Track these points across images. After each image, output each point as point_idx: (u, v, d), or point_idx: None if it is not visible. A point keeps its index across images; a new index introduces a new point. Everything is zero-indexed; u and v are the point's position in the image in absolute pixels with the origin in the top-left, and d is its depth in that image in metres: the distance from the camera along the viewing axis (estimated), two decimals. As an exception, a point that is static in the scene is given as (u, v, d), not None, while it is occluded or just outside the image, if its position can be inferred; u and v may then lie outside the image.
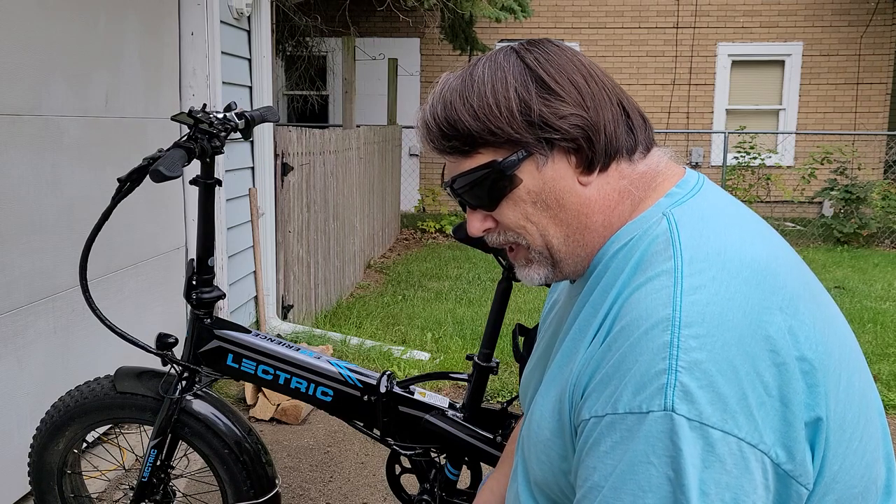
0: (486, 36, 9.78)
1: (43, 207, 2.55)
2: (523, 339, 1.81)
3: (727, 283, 0.81)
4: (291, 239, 4.67)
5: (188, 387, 1.86)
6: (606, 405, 0.80)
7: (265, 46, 4.24)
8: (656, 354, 0.77)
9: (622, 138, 0.92)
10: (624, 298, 0.85)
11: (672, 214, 0.90)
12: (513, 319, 5.05)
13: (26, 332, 2.49)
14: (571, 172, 0.92)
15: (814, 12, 9.75)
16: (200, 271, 1.84)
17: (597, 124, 0.90)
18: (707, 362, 0.76)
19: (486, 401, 3.46)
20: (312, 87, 9.30)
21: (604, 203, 0.93)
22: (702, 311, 0.79)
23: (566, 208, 0.92)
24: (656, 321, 0.79)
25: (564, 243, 0.94)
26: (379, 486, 2.80)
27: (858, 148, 9.50)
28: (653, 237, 0.88)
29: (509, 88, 0.90)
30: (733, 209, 0.94)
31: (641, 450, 0.77)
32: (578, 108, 0.90)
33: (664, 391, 0.76)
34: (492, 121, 0.90)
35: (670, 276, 0.82)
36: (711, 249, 0.84)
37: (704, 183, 0.96)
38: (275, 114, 2.00)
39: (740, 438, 0.75)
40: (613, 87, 0.94)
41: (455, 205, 10.31)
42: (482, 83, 0.91)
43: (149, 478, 1.87)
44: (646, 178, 0.94)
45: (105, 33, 2.89)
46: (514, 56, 0.93)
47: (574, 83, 0.91)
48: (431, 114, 0.94)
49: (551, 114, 0.89)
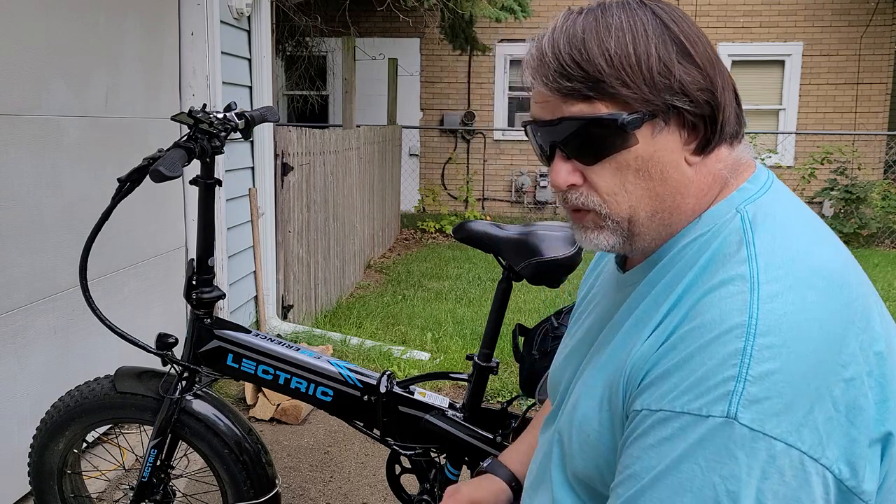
0: (486, 36, 9.78)
1: (43, 207, 2.55)
2: (523, 339, 1.81)
3: (803, 294, 0.79)
4: (291, 239, 4.67)
5: (188, 387, 1.86)
6: (662, 401, 0.79)
7: (265, 46, 4.24)
8: (726, 360, 0.76)
9: (732, 122, 0.89)
10: (695, 299, 0.82)
11: (746, 211, 0.87)
12: (513, 319, 5.05)
13: (26, 332, 2.49)
14: (680, 148, 0.87)
15: (814, 12, 9.75)
16: (200, 271, 1.84)
17: (721, 104, 0.87)
18: (778, 373, 0.75)
19: (486, 401, 3.47)
20: (312, 87, 9.30)
21: (699, 186, 0.89)
22: (778, 321, 0.77)
23: (667, 183, 0.87)
24: (731, 326, 0.77)
25: (650, 219, 0.89)
26: (379, 486, 2.80)
27: (858, 148, 9.50)
28: (725, 234, 0.86)
29: (650, 43, 0.84)
30: (801, 210, 0.91)
31: (691, 450, 0.76)
32: (710, 84, 0.85)
33: (729, 398, 0.74)
34: (628, 72, 0.83)
35: (746, 282, 0.80)
36: (786, 255, 0.82)
37: (774, 180, 0.93)
38: (275, 114, 2.00)
39: (803, 452, 0.74)
40: (727, 71, 0.90)
41: (455, 205, 10.33)
42: (620, 29, 0.84)
43: (149, 478, 1.87)
44: (735, 167, 0.91)
45: (105, 33, 2.89)
46: (649, 10, 0.86)
47: (708, 56, 0.86)
48: (552, 48, 0.85)
49: (690, 82, 0.84)
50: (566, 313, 1.76)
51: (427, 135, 10.29)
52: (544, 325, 1.77)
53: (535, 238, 1.73)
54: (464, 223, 1.83)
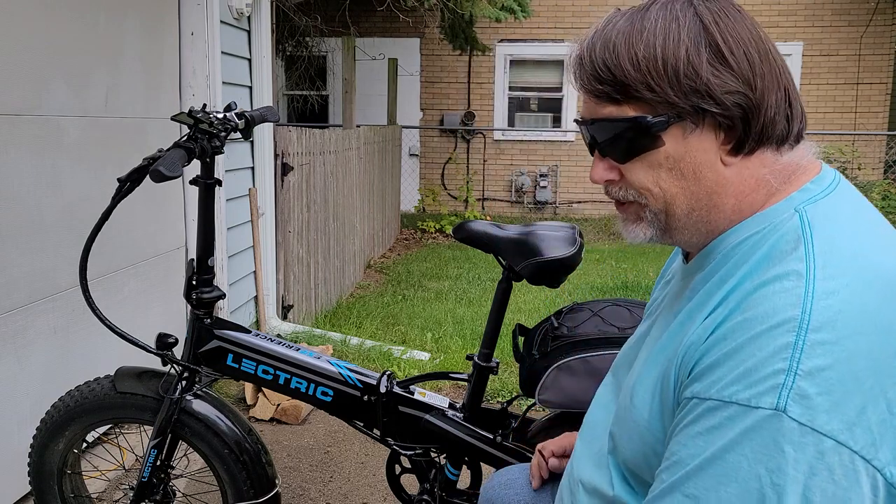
0: (486, 36, 9.79)
1: (43, 207, 2.55)
2: (523, 339, 1.81)
3: (861, 293, 0.79)
4: (291, 239, 4.67)
5: (188, 387, 1.86)
6: (711, 389, 0.79)
7: (265, 46, 4.24)
8: (777, 353, 0.76)
9: (778, 126, 0.88)
10: (747, 291, 0.82)
11: (805, 212, 0.87)
12: (513, 319, 5.05)
13: (26, 332, 2.49)
14: (716, 148, 0.88)
15: (814, 12, 9.75)
16: (200, 271, 1.84)
17: (759, 106, 0.86)
18: (830, 370, 0.74)
19: (486, 401, 3.47)
20: (312, 87, 9.30)
21: (739, 187, 0.89)
22: (833, 318, 0.76)
23: (701, 182, 0.89)
24: (782, 320, 0.77)
25: (686, 215, 0.91)
26: (379, 486, 2.80)
27: (858, 148, 9.50)
28: (782, 233, 0.86)
29: (680, 46, 0.85)
30: (866, 213, 0.90)
31: (738, 440, 0.76)
32: (745, 87, 0.85)
33: (779, 391, 0.74)
34: (653, 77, 0.85)
35: (801, 278, 0.80)
36: (846, 254, 0.82)
37: (840, 182, 0.92)
38: (275, 114, 2.00)
39: (854, 451, 0.74)
40: (784, 71, 0.89)
41: (455, 205, 10.33)
42: (652, 33, 0.86)
43: (149, 478, 1.87)
44: (787, 171, 0.90)
45: (105, 33, 2.89)
46: (692, 10, 0.87)
47: (749, 57, 0.86)
48: (589, 51, 0.89)
49: (718, 85, 0.85)
50: (566, 313, 1.76)
51: (427, 135, 10.29)
52: (544, 325, 1.77)
53: (535, 238, 1.73)
54: (464, 223, 1.83)
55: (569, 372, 1.65)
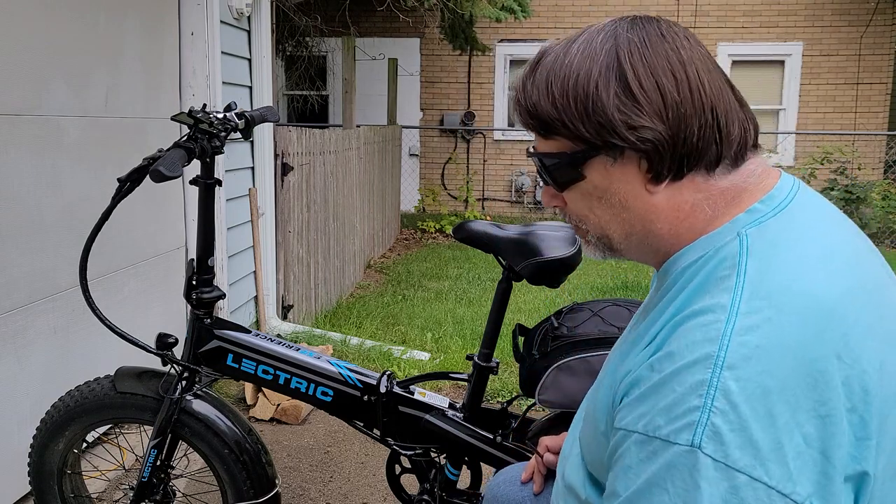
0: (486, 36, 9.78)
1: (43, 207, 2.55)
2: (523, 339, 1.81)
3: (782, 326, 0.78)
4: (291, 239, 4.67)
5: (188, 387, 1.86)
6: (637, 423, 0.81)
7: (265, 46, 4.24)
8: (693, 391, 0.77)
9: (705, 151, 0.87)
10: (676, 323, 0.84)
11: (747, 236, 0.86)
12: (513, 319, 5.05)
13: (26, 332, 2.49)
14: (640, 178, 0.89)
15: (814, 12, 9.75)
16: (200, 271, 1.84)
17: (674, 136, 0.86)
18: (743, 406, 0.75)
19: (486, 401, 3.47)
20: (312, 87, 9.30)
21: (672, 213, 0.90)
22: (748, 355, 0.77)
23: (630, 210, 0.91)
24: (700, 357, 0.78)
25: (625, 240, 0.94)
26: (379, 486, 2.80)
27: (858, 148, 9.51)
28: (720, 259, 0.86)
29: (590, 83, 0.87)
30: (818, 231, 0.88)
31: (660, 475, 0.78)
32: (655, 119, 0.86)
33: (694, 428, 0.76)
34: (567, 115, 0.88)
35: (725, 311, 0.80)
36: (775, 285, 0.81)
37: (795, 198, 0.91)
38: (275, 114, 2.00)
39: (770, 486, 0.74)
40: (711, 92, 0.88)
41: (455, 205, 10.34)
42: (569, 69, 0.89)
43: (149, 478, 1.88)
44: (726, 195, 0.90)
45: (105, 33, 2.89)
46: (612, 41, 0.88)
47: (660, 88, 0.86)
48: (521, 89, 0.93)
49: (622, 121, 0.86)
50: (566, 313, 1.76)
51: (427, 135, 10.29)
52: (544, 325, 1.77)
53: (535, 238, 1.73)
54: (464, 223, 1.83)
55: (569, 372, 1.65)
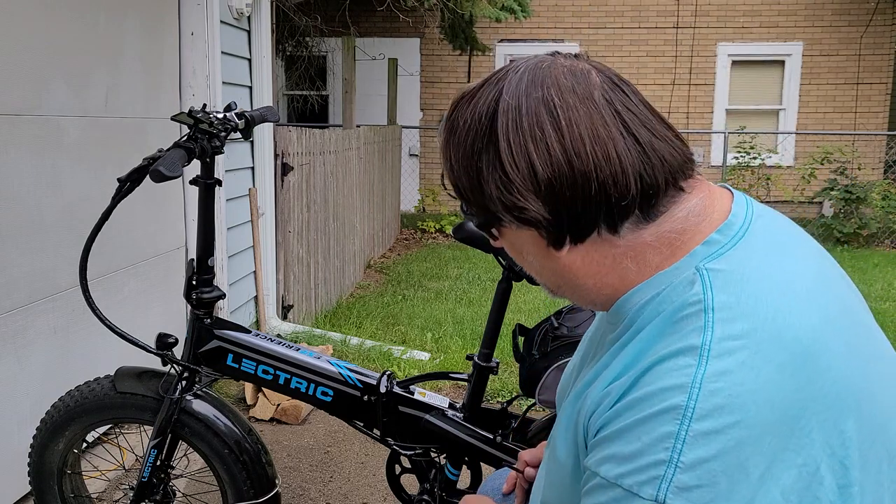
0: (486, 36, 9.78)
1: (43, 207, 2.55)
2: (523, 339, 1.81)
3: (759, 369, 0.73)
4: (291, 239, 4.67)
5: (188, 387, 1.86)
6: (602, 466, 0.77)
7: (265, 46, 4.24)
8: (658, 443, 0.72)
9: (594, 219, 0.81)
10: (646, 365, 0.77)
11: (706, 270, 0.79)
12: (513, 319, 5.05)
13: (26, 332, 2.49)
14: (541, 241, 0.84)
15: (814, 12, 9.75)
16: (200, 271, 1.84)
17: (553, 212, 0.80)
18: (714, 461, 0.70)
19: (486, 401, 3.47)
20: (312, 87, 9.30)
21: (593, 269, 0.85)
22: (721, 404, 0.71)
23: (550, 267, 0.87)
24: (668, 407, 0.73)
25: (558, 289, 0.91)
26: (379, 486, 2.80)
27: (858, 148, 9.50)
28: (684, 298, 0.79)
29: (473, 155, 0.83)
30: (782, 254, 0.83)
31: None
32: (531, 197, 0.80)
33: (658, 483, 0.71)
34: (461, 187, 0.87)
35: (695, 356, 0.74)
36: (749, 323, 0.75)
37: (752, 222, 0.84)
38: (275, 114, 2.00)
39: None
40: (593, 159, 0.78)
41: (455, 204, 10.33)
42: (461, 133, 0.85)
43: (149, 478, 1.87)
44: (662, 242, 0.82)
45: (105, 33, 2.89)
46: (494, 105, 0.82)
47: (532, 165, 0.79)
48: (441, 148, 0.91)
49: (499, 199, 0.81)
50: (566, 313, 1.76)
51: (427, 135, 10.29)
52: (544, 325, 1.77)
53: (535, 238, 1.73)
54: (464, 223, 1.83)
55: (569, 372, 1.65)
